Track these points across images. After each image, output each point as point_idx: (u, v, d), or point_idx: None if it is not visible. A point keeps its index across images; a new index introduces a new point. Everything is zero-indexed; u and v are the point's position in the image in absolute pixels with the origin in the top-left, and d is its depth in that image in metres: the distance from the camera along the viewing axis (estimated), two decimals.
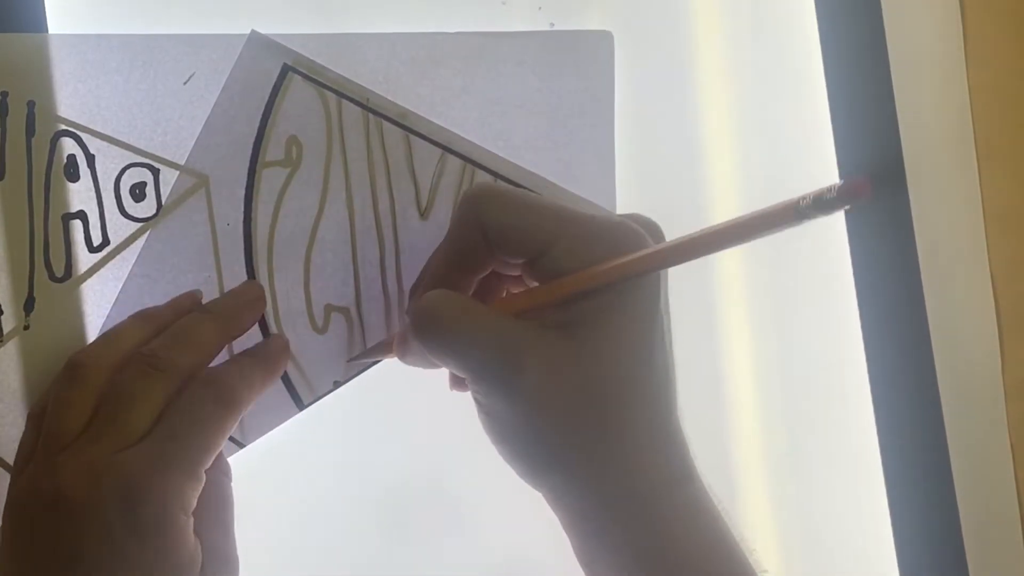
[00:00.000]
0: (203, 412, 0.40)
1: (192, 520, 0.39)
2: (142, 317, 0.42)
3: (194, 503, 0.39)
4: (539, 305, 0.40)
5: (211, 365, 0.42)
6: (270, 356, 0.44)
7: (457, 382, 0.45)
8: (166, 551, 0.37)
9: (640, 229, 0.41)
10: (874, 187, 0.32)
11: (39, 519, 0.38)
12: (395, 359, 0.45)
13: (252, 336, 0.45)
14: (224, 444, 0.41)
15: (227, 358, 0.44)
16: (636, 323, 0.39)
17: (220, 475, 0.42)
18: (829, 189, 0.33)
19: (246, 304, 0.44)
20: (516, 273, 0.43)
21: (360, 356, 0.46)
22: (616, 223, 0.40)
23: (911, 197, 0.64)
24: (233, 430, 0.42)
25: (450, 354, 0.40)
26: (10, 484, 0.40)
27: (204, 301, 0.44)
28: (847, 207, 0.33)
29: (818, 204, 0.33)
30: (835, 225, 0.65)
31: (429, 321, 0.41)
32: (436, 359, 0.41)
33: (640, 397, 0.40)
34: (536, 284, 0.41)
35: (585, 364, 0.39)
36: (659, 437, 0.40)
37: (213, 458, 0.40)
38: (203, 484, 0.39)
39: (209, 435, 0.39)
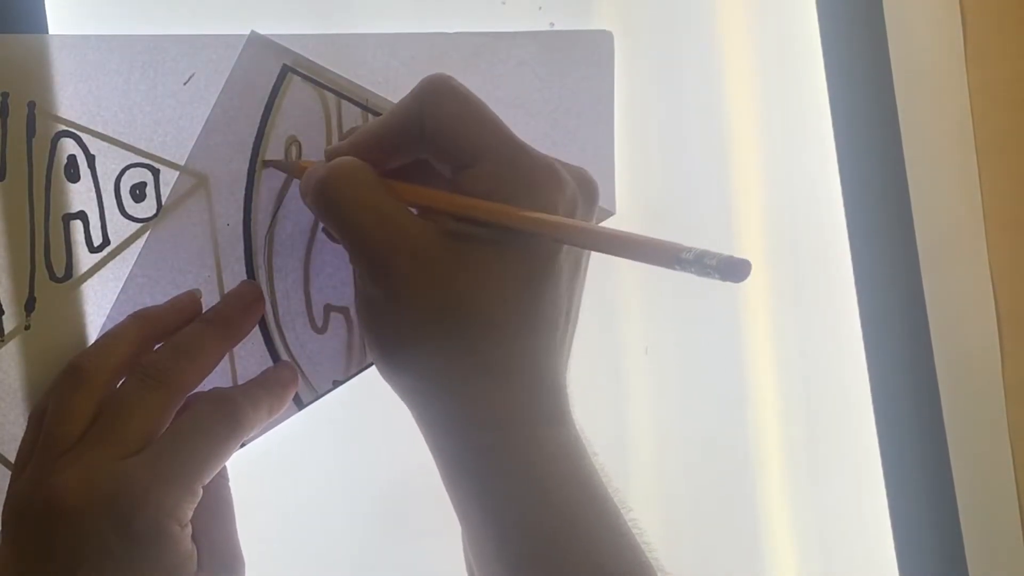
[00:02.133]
0: (206, 428, 0.40)
1: (189, 529, 0.39)
2: (142, 317, 0.42)
3: (189, 515, 0.39)
4: (441, 210, 0.40)
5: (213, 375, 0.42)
6: (278, 384, 0.44)
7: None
8: (158, 561, 0.37)
9: (569, 182, 0.40)
10: (750, 272, 0.32)
11: (34, 523, 0.38)
12: None
13: (251, 337, 0.45)
14: (225, 462, 0.41)
15: (228, 366, 0.44)
16: (523, 265, 0.39)
17: (218, 476, 0.42)
18: (712, 256, 0.33)
19: (245, 309, 0.44)
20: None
21: (274, 164, 0.45)
22: (545, 167, 0.40)
23: (911, 197, 0.64)
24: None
25: (336, 222, 0.41)
26: (9, 485, 0.40)
27: (204, 300, 0.44)
28: (720, 278, 0.32)
29: (697, 262, 0.33)
30: (836, 225, 0.65)
31: (327, 187, 0.40)
32: (323, 221, 0.42)
33: (512, 334, 0.39)
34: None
35: (459, 279, 0.39)
36: (528, 375, 0.40)
37: (212, 475, 0.40)
38: (199, 498, 0.39)
39: (210, 452, 0.39)
